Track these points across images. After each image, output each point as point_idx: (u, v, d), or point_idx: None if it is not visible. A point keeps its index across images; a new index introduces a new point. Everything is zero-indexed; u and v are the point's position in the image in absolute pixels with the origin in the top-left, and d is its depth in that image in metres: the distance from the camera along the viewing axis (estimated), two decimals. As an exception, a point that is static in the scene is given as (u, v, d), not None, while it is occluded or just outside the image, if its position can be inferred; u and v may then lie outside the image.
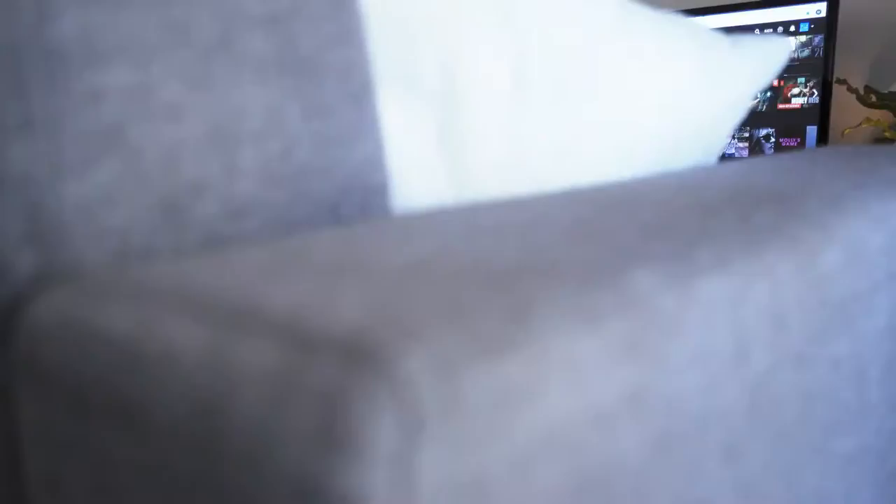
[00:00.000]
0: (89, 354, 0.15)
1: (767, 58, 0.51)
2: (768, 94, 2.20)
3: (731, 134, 0.52)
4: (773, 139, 2.23)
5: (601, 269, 0.19)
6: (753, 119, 2.24)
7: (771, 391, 0.24)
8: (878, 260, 0.34)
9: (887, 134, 2.09)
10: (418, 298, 0.15)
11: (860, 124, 2.12)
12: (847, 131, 2.21)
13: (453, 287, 0.16)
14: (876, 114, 2.23)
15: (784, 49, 0.53)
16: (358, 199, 0.27)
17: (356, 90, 0.26)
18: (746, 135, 2.26)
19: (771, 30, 2.20)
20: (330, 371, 0.12)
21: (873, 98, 2.19)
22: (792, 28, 2.15)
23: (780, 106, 2.18)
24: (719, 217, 0.27)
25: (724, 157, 2.30)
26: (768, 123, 2.21)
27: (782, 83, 2.18)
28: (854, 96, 2.16)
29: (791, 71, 2.15)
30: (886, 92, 2.13)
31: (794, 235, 0.28)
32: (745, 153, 2.28)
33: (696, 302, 0.20)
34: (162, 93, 0.20)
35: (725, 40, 0.50)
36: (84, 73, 0.19)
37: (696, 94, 0.47)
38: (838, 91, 2.30)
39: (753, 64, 0.51)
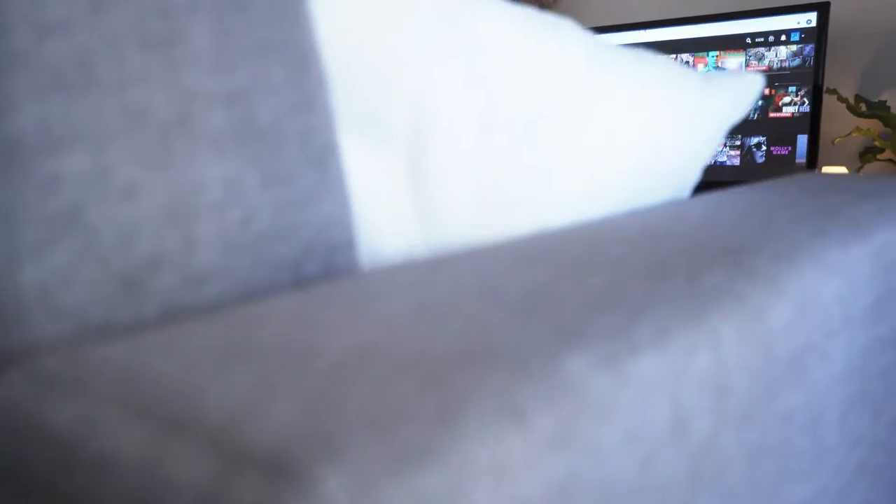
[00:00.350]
0: (32, 447, 0.16)
1: (739, 95, 0.52)
2: (760, 102, 2.21)
3: (705, 165, 0.53)
4: (764, 147, 2.24)
5: (536, 354, 0.19)
6: (745, 127, 2.25)
7: (713, 455, 0.25)
8: (832, 309, 0.35)
9: (877, 143, 2.10)
10: (350, 400, 0.15)
11: (850, 133, 2.13)
12: (837, 140, 2.22)
13: (388, 383, 0.17)
14: (866, 123, 2.25)
15: (755, 85, 0.54)
16: (321, 257, 0.28)
17: (317, 153, 0.27)
18: (738, 143, 2.27)
19: (762, 39, 2.21)
20: (254, 488, 0.13)
21: (863, 107, 2.20)
22: (783, 38, 2.16)
23: (772, 114, 2.19)
24: (669, 279, 0.28)
25: (716, 165, 2.31)
26: (759, 132, 2.22)
27: (773, 92, 2.19)
28: (844, 106, 2.18)
29: (782, 80, 2.17)
30: (876, 101, 2.15)
31: (742, 295, 0.28)
32: (737, 161, 2.29)
33: (632, 382, 0.20)
34: (119, 174, 0.21)
35: (696, 78, 0.51)
36: (41, 161, 0.19)
37: (667, 134, 0.48)
38: (829, 100, 2.31)
39: (725, 101, 0.51)
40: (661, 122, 0.48)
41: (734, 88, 0.52)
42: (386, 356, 0.19)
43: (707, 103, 0.50)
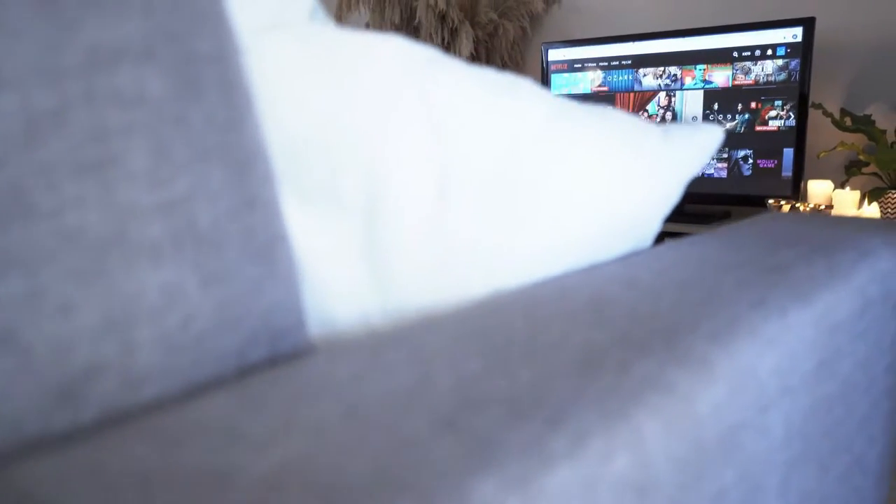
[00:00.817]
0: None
1: (698, 148, 0.53)
2: (746, 116, 2.23)
3: (666, 216, 0.54)
4: (750, 160, 2.26)
5: (447, 478, 0.20)
6: (732, 140, 2.27)
7: (634, 550, 0.26)
8: (768, 382, 0.36)
9: (861, 157, 2.12)
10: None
11: (835, 147, 2.15)
12: (822, 154, 2.24)
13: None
14: (850, 137, 2.26)
15: (715, 138, 0.55)
16: (266, 344, 0.29)
17: (261, 247, 0.28)
18: (725, 156, 2.29)
19: (749, 53, 2.23)
20: None
21: (848, 121, 2.22)
22: (769, 52, 2.18)
23: (758, 128, 2.21)
24: (599, 370, 0.29)
25: (703, 178, 2.33)
26: (746, 145, 2.24)
27: (760, 105, 2.21)
28: (830, 120, 2.19)
29: (768, 94, 2.18)
30: (861, 115, 2.16)
31: (671, 385, 0.29)
32: (724, 174, 2.31)
33: (543, 500, 0.21)
34: (54, 294, 0.22)
35: (656, 132, 0.52)
36: (-25, 286, 0.20)
37: (626, 190, 0.49)
38: (814, 114, 2.33)
39: (684, 155, 0.52)
40: (620, 179, 0.49)
41: (693, 142, 0.53)
42: (301, 482, 0.19)
43: (667, 158, 0.51)
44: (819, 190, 2.16)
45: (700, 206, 2.45)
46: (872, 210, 1.95)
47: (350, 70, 0.38)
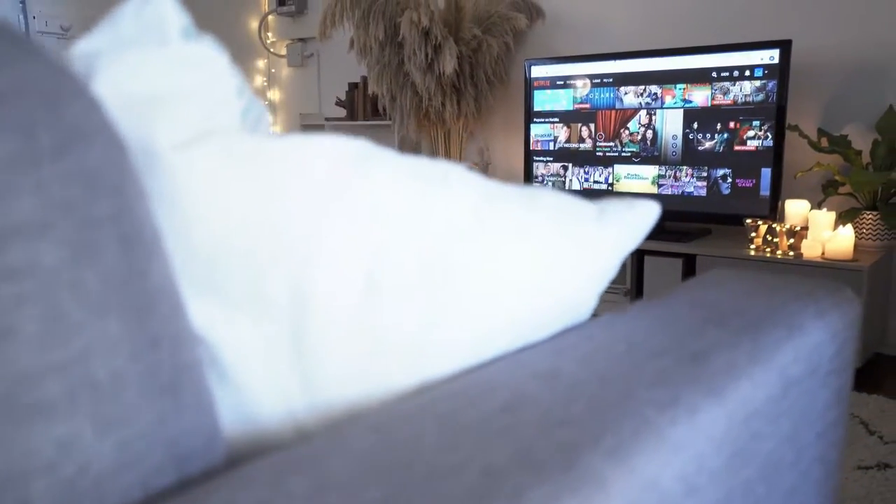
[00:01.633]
0: None
1: (634, 226, 0.55)
2: (725, 135, 2.25)
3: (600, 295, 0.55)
4: (729, 179, 2.28)
5: None
6: (711, 159, 2.29)
7: None
8: (671, 489, 0.37)
9: (837, 178, 2.15)
10: None
11: (811, 168, 2.18)
12: (799, 175, 2.26)
13: None
14: (826, 158, 2.29)
15: (651, 213, 0.56)
16: (172, 473, 0.30)
17: (164, 384, 0.29)
18: (705, 174, 2.31)
19: (727, 73, 2.25)
20: None
21: (825, 141, 2.24)
22: (747, 73, 2.20)
23: (737, 147, 2.23)
24: (494, 499, 0.30)
25: (684, 196, 2.35)
26: (725, 164, 2.26)
27: (738, 125, 2.23)
28: (806, 141, 2.21)
29: (746, 114, 2.21)
30: (838, 135, 2.19)
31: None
32: (704, 192, 2.33)
33: None
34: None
35: (591, 212, 0.53)
36: None
37: (559, 274, 0.50)
38: (792, 134, 2.35)
39: (620, 233, 0.54)
40: (552, 263, 0.50)
41: (629, 221, 0.54)
42: None
43: (601, 239, 0.53)
44: (796, 210, 2.18)
45: (680, 224, 2.47)
46: (847, 232, 1.98)
47: (275, 177, 0.39)
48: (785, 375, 0.50)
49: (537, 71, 2.63)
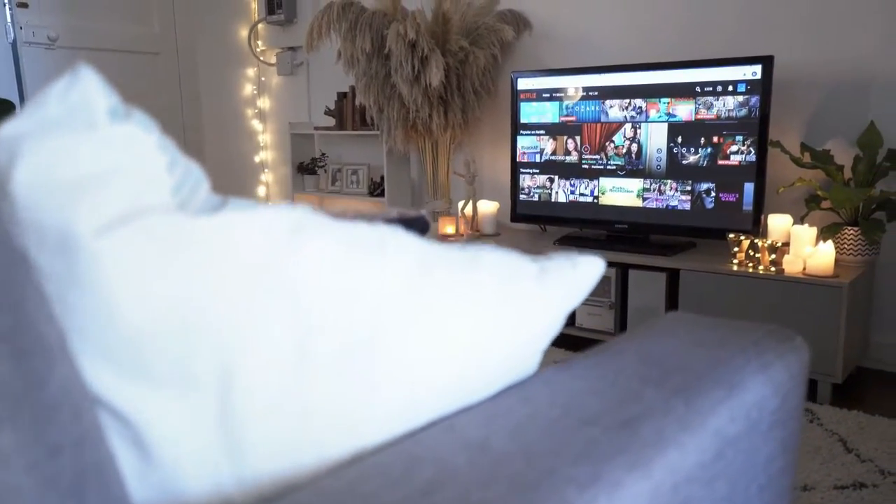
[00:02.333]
0: None
1: (576, 284, 0.55)
2: (709, 149, 2.26)
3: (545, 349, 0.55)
4: (713, 193, 2.29)
5: None
6: (695, 173, 2.30)
7: None
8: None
9: (819, 193, 2.16)
10: None
11: (793, 183, 2.19)
12: (781, 190, 2.27)
13: None
14: (808, 174, 2.30)
15: (596, 269, 0.57)
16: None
17: (65, 490, 0.29)
18: (689, 188, 2.32)
19: (711, 88, 2.26)
20: None
21: (807, 157, 2.25)
22: (730, 88, 2.21)
23: (720, 162, 2.24)
24: None
25: (668, 210, 2.36)
26: (709, 178, 2.27)
27: (722, 140, 2.24)
28: (793, 158, 2.22)
29: (729, 129, 2.21)
30: (821, 150, 2.20)
31: None
32: (688, 206, 2.34)
33: None
34: None
35: (532, 271, 0.54)
36: None
37: (500, 334, 0.51)
38: (775, 149, 2.36)
39: (562, 292, 0.54)
40: (491, 325, 0.50)
41: (571, 278, 0.55)
42: None
43: (542, 298, 0.53)
44: (778, 224, 2.19)
45: (665, 237, 2.47)
46: (827, 248, 1.98)
47: (201, 258, 0.40)
48: (720, 436, 0.50)
49: (523, 83, 2.63)
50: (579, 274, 0.56)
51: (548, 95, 2.59)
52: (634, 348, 0.61)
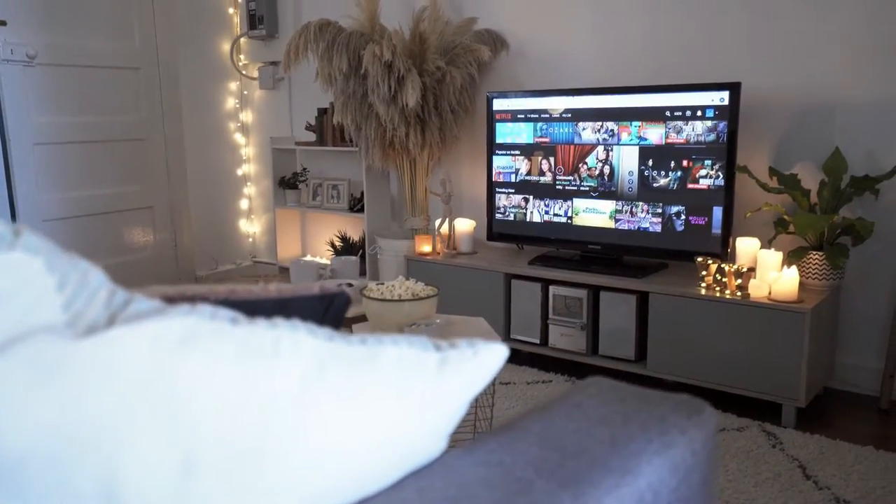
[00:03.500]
0: None
1: (478, 372, 0.57)
2: (678, 173, 2.29)
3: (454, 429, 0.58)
4: (683, 216, 2.32)
5: None
6: (666, 196, 2.33)
7: None
8: None
9: (785, 217, 2.18)
10: None
11: (760, 208, 2.21)
12: (749, 214, 2.30)
13: None
14: (775, 198, 2.33)
15: (498, 356, 0.59)
16: None
17: None
18: (660, 211, 2.34)
19: (680, 113, 2.28)
20: None
21: (775, 181, 2.28)
22: (699, 113, 2.24)
23: (690, 186, 2.27)
24: None
25: (639, 231, 2.38)
26: (678, 201, 2.30)
27: (691, 164, 2.27)
28: (760, 182, 2.25)
29: (699, 153, 2.24)
30: (788, 173, 2.23)
31: None
32: (659, 228, 2.36)
33: None
34: None
35: (434, 362, 0.55)
36: None
37: (399, 428, 0.53)
38: (743, 174, 2.38)
39: (462, 382, 0.56)
40: (391, 418, 0.52)
41: (473, 367, 0.57)
42: None
43: (442, 388, 0.55)
44: (746, 248, 2.22)
45: (638, 259, 2.50)
46: (792, 273, 2.01)
47: (82, 379, 0.41)
48: (606, 528, 0.52)
49: (499, 104, 2.65)
50: (480, 362, 0.58)
51: (522, 116, 2.61)
52: (540, 427, 0.63)
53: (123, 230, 3.43)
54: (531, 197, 2.63)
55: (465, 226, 2.79)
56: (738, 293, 2.08)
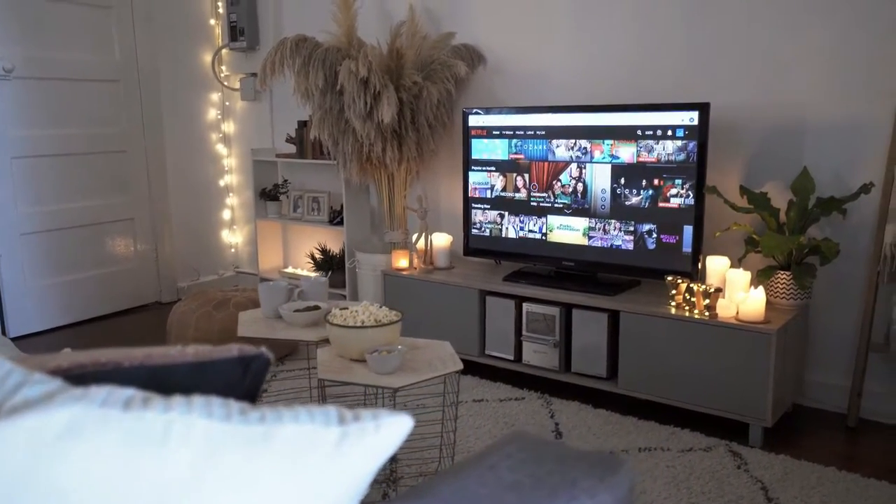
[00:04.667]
0: None
1: (380, 444, 0.58)
2: (650, 192, 2.30)
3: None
4: (654, 234, 2.33)
5: None
6: (637, 214, 2.34)
7: None
8: None
9: (755, 236, 2.20)
10: None
11: (729, 228, 2.23)
12: (718, 234, 2.31)
13: None
14: (744, 218, 2.34)
15: (403, 428, 0.59)
16: None
17: None
18: (632, 229, 2.35)
19: (651, 132, 2.29)
20: None
21: (745, 200, 2.29)
22: (669, 132, 2.25)
23: (661, 204, 2.28)
24: None
25: (612, 249, 2.39)
26: (650, 219, 2.31)
27: (662, 183, 2.28)
28: (728, 202, 2.26)
29: (670, 172, 2.25)
30: (758, 192, 2.24)
31: None
32: (631, 245, 2.37)
33: None
34: None
35: (333, 437, 0.56)
36: None
37: (299, 501, 0.53)
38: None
39: (362, 458, 0.57)
40: (286, 498, 0.53)
41: (373, 443, 0.57)
42: None
43: (343, 463, 0.56)
44: (716, 267, 2.23)
45: (612, 276, 2.51)
46: (759, 294, 2.03)
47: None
48: None
49: (474, 120, 2.66)
50: (382, 436, 0.58)
51: (498, 133, 2.62)
52: (450, 492, 0.64)
53: (104, 242, 3.43)
54: (506, 213, 2.64)
55: (441, 241, 2.80)
56: (706, 313, 2.10)
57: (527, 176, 2.57)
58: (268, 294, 1.89)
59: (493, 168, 2.65)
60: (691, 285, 2.15)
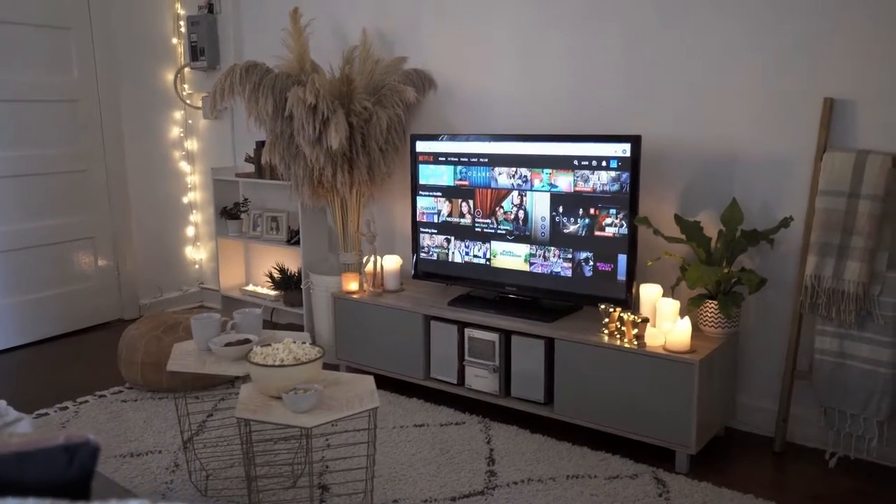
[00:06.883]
0: None
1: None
2: (587, 220, 2.34)
3: None
4: (591, 262, 2.38)
5: None
6: (575, 242, 2.38)
7: None
8: None
9: (686, 266, 2.25)
10: None
11: (659, 258, 2.28)
12: (650, 264, 2.36)
13: None
14: (675, 248, 2.39)
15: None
16: None
17: None
18: (570, 256, 2.40)
19: (587, 162, 2.34)
20: None
21: (678, 230, 2.34)
22: (604, 163, 2.30)
23: (597, 233, 2.33)
24: None
25: (551, 275, 2.44)
26: (587, 247, 2.36)
27: (598, 212, 2.33)
28: (657, 232, 2.31)
29: (604, 202, 2.30)
30: (692, 221, 2.29)
31: None
32: (570, 273, 2.42)
33: None
34: None
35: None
36: None
37: None
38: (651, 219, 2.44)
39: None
40: None
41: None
42: None
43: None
44: (649, 295, 2.28)
45: (553, 302, 2.55)
46: (685, 325, 2.08)
47: None
48: None
49: (421, 146, 2.70)
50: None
51: (444, 159, 2.66)
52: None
53: (64, 261, 3.45)
54: (453, 237, 2.68)
55: (391, 263, 2.84)
56: (635, 342, 2.15)
57: (471, 202, 2.61)
58: (199, 327, 1.93)
59: (439, 193, 2.69)
60: (622, 314, 2.19)
